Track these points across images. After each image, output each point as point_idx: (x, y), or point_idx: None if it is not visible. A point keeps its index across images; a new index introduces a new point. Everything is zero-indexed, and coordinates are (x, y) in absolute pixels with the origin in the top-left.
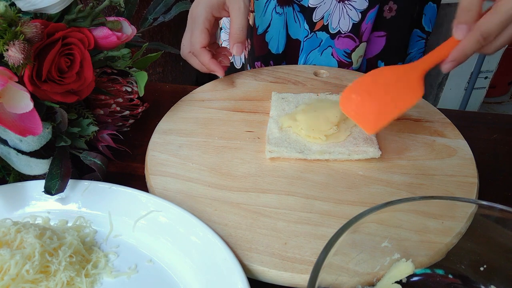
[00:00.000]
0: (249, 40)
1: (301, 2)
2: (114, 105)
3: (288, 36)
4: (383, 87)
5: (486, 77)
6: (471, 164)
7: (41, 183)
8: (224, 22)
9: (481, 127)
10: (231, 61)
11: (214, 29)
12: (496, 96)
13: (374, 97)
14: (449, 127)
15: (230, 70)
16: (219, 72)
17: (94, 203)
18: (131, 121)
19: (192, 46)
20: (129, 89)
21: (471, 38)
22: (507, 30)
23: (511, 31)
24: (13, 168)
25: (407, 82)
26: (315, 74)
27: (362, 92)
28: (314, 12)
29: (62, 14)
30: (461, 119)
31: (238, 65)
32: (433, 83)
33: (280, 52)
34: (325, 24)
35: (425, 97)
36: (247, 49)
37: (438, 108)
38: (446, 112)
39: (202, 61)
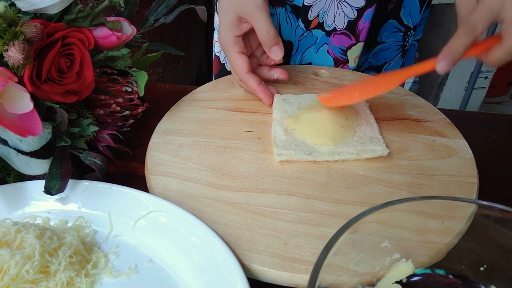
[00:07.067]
0: None
1: (293, 2)
2: (114, 105)
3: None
4: (359, 85)
5: (486, 77)
6: (471, 164)
7: (41, 183)
8: (217, 22)
9: (481, 127)
10: (223, 62)
11: (248, 46)
12: (496, 96)
13: (350, 88)
14: (449, 127)
15: (224, 72)
16: (265, 101)
17: (94, 203)
18: (131, 121)
19: (237, 76)
20: (129, 89)
21: (459, 31)
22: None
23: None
24: (13, 168)
25: (385, 81)
26: (315, 74)
27: (339, 89)
28: (310, 11)
29: (62, 14)
30: (461, 119)
31: (229, 67)
32: (433, 83)
33: None
34: (320, 21)
35: (425, 97)
36: None
37: (438, 108)
38: (446, 112)
39: (249, 88)
